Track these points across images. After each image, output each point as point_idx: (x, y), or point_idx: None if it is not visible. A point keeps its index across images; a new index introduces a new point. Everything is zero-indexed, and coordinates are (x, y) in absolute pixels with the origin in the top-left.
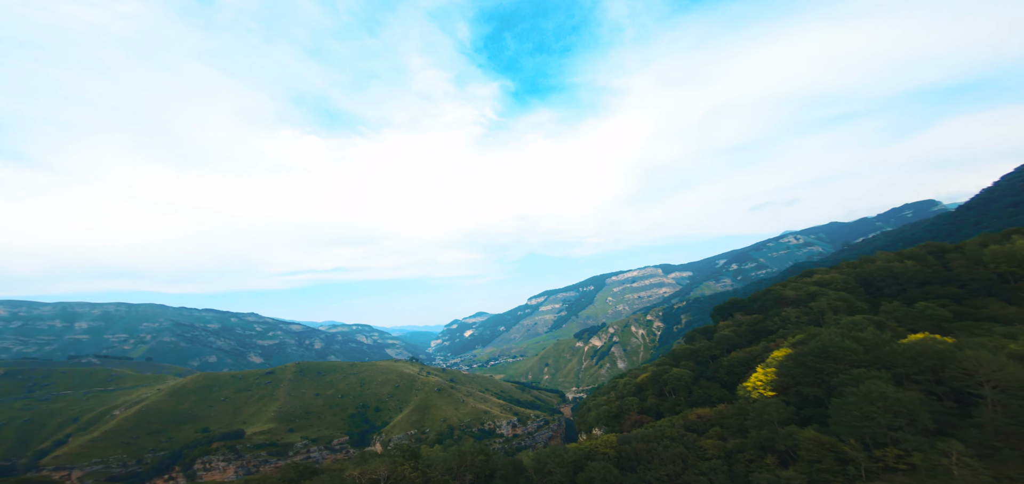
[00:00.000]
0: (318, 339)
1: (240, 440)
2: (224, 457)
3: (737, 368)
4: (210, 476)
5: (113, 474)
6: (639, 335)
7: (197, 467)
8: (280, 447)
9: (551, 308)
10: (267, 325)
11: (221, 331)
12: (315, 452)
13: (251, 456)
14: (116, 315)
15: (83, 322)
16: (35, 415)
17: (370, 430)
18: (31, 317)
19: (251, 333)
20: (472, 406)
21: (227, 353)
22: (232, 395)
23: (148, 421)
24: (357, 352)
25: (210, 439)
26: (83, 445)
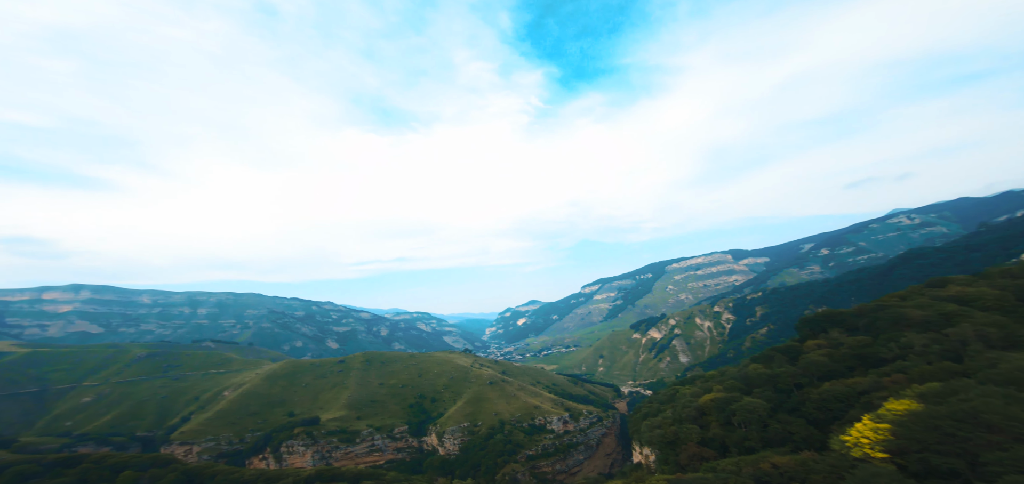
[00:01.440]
0: (384, 326)
1: (316, 426)
2: (303, 442)
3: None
4: (292, 459)
5: (222, 451)
6: (704, 327)
7: (282, 450)
8: (349, 434)
9: (606, 297)
10: (341, 313)
11: (305, 318)
12: (379, 440)
13: (325, 442)
14: (227, 303)
15: (203, 309)
16: (169, 392)
17: (427, 420)
18: (166, 304)
19: (328, 320)
20: (523, 400)
21: (310, 339)
22: (312, 381)
23: (249, 403)
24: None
25: (293, 424)
26: (201, 423)
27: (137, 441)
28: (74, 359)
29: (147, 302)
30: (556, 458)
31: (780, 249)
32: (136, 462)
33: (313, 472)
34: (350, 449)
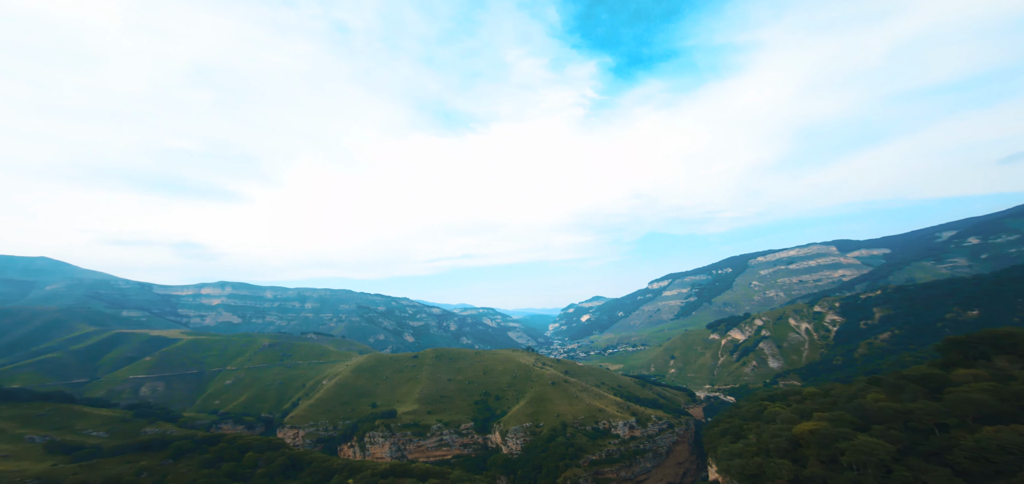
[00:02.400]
0: (453, 321)
1: (393, 419)
2: (382, 434)
3: (996, 457)
4: (373, 449)
5: (320, 436)
6: (801, 330)
7: (366, 439)
8: (421, 428)
9: (677, 293)
10: (416, 308)
11: (386, 313)
12: (447, 436)
13: (400, 434)
14: (326, 298)
15: (309, 303)
16: (284, 379)
17: (491, 418)
18: (283, 299)
19: (405, 315)
20: (586, 403)
21: (390, 332)
22: (391, 375)
23: (341, 393)
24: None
25: (374, 416)
26: (305, 409)
27: (262, 421)
28: (221, 347)
29: (270, 297)
30: (621, 465)
31: (905, 238)
32: (257, 444)
33: (387, 466)
34: (421, 442)
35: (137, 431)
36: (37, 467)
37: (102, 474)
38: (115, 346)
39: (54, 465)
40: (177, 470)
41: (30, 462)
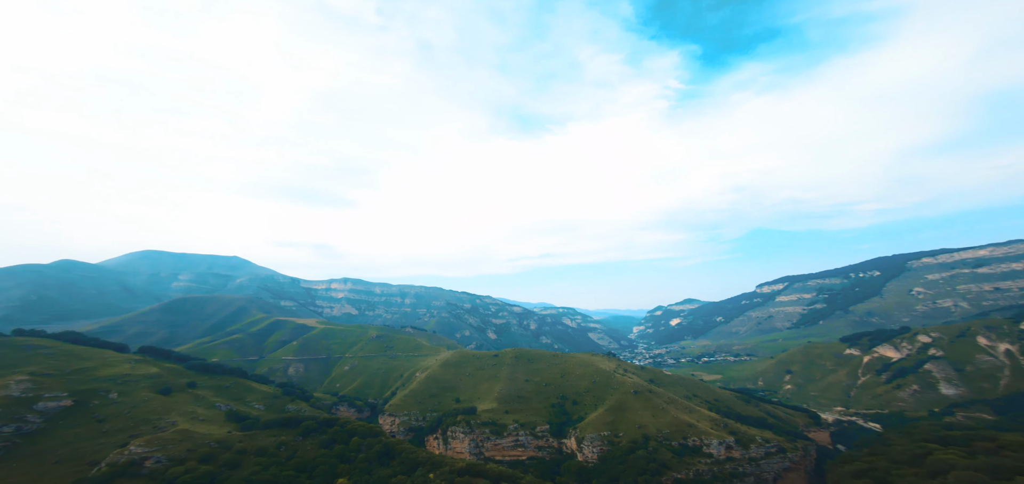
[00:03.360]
0: (532, 320)
1: (473, 416)
2: (463, 429)
3: None
4: (454, 443)
5: (412, 426)
6: (998, 351)
7: (449, 434)
8: (498, 427)
9: (796, 298)
10: (498, 306)
11: (471, 310)
12: (522, 436)
13: (479, 432)
14: (421, 295)
15: (408, 299)
16: (387, 369)
17: (567, 423)
18: (388, 294)
19: (488, 313)
20: (673, 415)
21: (475, 329)
22: (474, 372)
23: (430, 386)
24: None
25: (457, 411)
26: (401, 399)
27: (369, 405)
28: (342, 336)
29: (378, 292)
30: None
31: None
32: (360, 431)
33: (463, 465)
34: (498, 441)
35: (283, 406)
36: (218, 432)
37: (256, 444)
38: (274, 331)
39: (229, 432)
40: (304, 447)
41: (215, 427)
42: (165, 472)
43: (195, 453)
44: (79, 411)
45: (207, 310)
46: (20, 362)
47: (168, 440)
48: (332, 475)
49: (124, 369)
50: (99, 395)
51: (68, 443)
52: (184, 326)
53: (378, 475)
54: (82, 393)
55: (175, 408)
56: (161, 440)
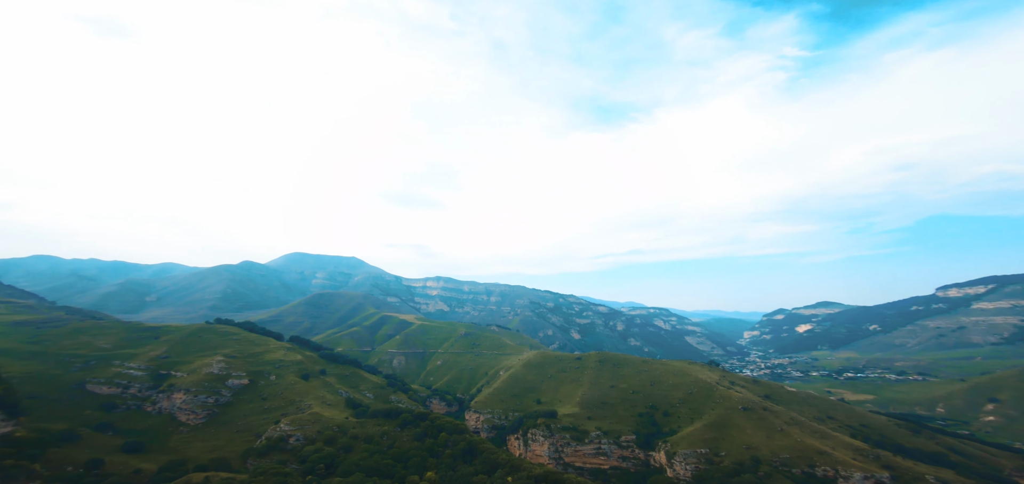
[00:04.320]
0: (619, 321)
1: (554, 419)
2: (543, 433)
3: None
4: (534, 446)
5: (495, 423)
6: None
7: (529, 436)
8: (579, 433)
9: (1008, 306)
10: (582, 306)
11: (554, 309)
12: (605, 445)
13: (559, 437)
14: (506, 293)
15: (494, 297)
16: (474, 366)
17: (656, 434)
18: (475, 292)
19: (572, 312)
20: (796, 439)
21: (558, 329)
22: (555, 374)
23: (512, 386)
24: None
25: (537, 414)
26: (486, 397)
27: (457, 400)
28: (435, 333)
29: (466, 291)
30: None
31: None
32: (448, 427)
33: (541, 473)
34: (579, 447)
35: (387, 397)
36: (339, 417)
37: (365, 432)
38: (382, 326)
39: (346, 418)
40: (401, 438)
41: (337, 412)
42: (302, 449)
43: (322, 435)
44: (252, 389)
45: (335, 304)
46: (219, 345)
47: (305, 421)
48: (423, 467)
49: (280, 355)
50: (264, 376)
51: (245, 416)
52: (320, 317)
53: (461, 472)
54: (254, 374)
55: (311, 392)
56: (300, 420)
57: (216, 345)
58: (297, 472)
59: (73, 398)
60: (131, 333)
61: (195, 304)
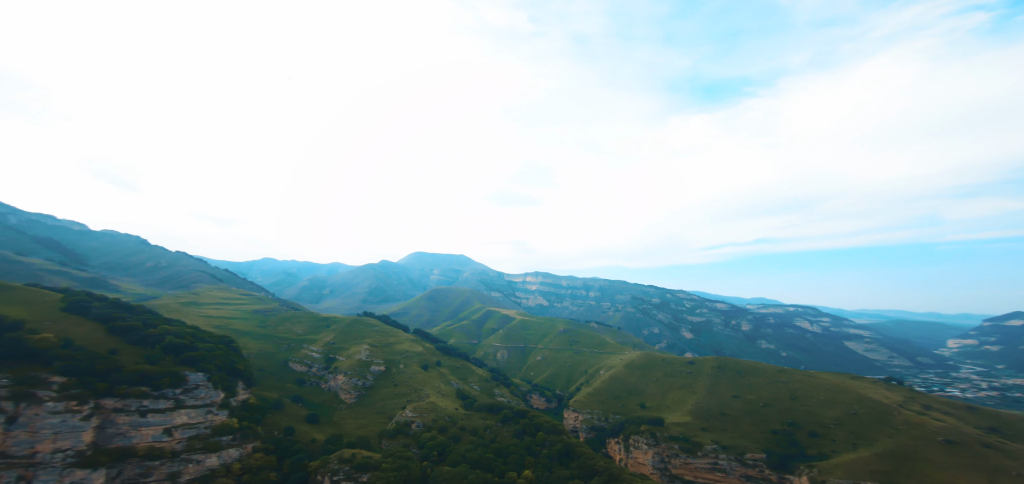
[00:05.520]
0: (745, 320)
1: (660, 427)
2: (647, 440)
3: None
4: (636, 453)
5: (594, 424)
6: None
7: (630, 442)
8: (690, 445)
9: None
10: (694, 302)
11: (660, 306)
12: (724, 460)
13: (666, 446)
14: (605, 289)
15: (593, 292)
16: (573, 363)
17: (797, 457)
18: (574, 287)
19: (682, 309)
20: None
21: (665, 326)
22: (662, 378)
23: (613, 387)
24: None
25: (641, 419)
26: (585, 396)
27: (556, 397)
28: (535, 328)
29: (565, 285)
30: None
31: None
32: (546, 426)
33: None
34: (690, 460)
35: (491, 390)
36: (450, 407)
37: (471, 424)
38: (487, 320)
39: (456, 409)
40: (502, 433)
41: (449, 402)
42: (421, 435)
43: (437, 423)
44: (387, 376)
45: (448, 299)
46: (365, 335)
47: (424, 409)
48: (521, 465)
49: (406, 346)
50: (395, 365)
51: (382, 399)
52: (437, 310)
53: (557, 475)
54: (388, 362)
55: (429, 382)
56: (421, 408)
57: (364, 335)
58: (416, 457)
59: (281, 372)
60: (314, 322)
61: (352, 297)
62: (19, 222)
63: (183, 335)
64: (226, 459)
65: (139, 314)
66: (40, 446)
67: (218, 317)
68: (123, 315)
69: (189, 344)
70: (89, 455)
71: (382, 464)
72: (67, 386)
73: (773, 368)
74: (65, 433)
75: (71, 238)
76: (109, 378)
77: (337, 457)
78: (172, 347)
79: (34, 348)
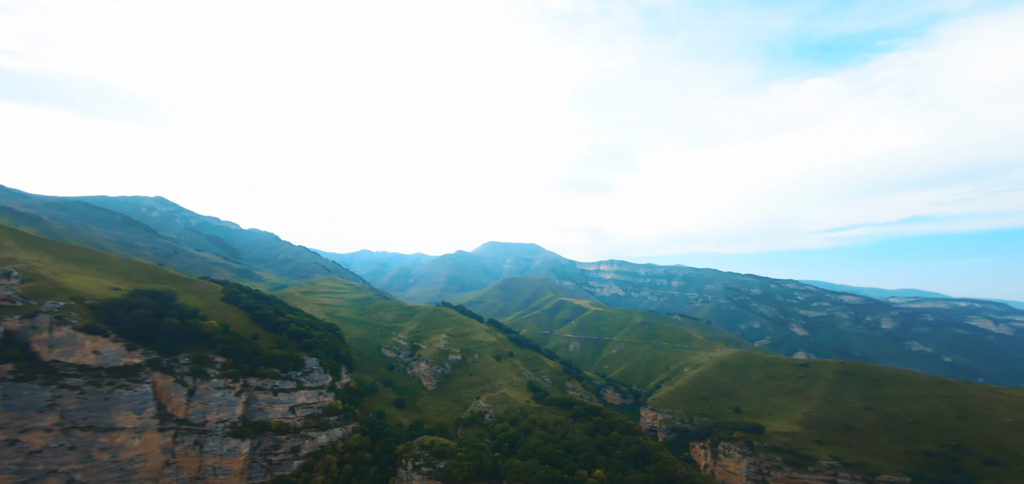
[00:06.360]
0: (886, 316)
1: (759, 436)
2: (740, 448)
3: None
4: (726, 461)
5: (674, 425)
6: None
7: (720, 448)
8: (800, 459)
9: None
10: (810, 294)
11: (762, 297)
12: (845, 479)
13: (765, 457)
14: (690, 277)
15: (675, 282)
16: (651, 358)
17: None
18: (653, 276)
19: (792, 302)
20: None
21: (769, 321)
22: (763, 380)
23: (700, 387)
24: (970, 344)
25: (734, 425)
26: (665, 395)
27: (632, 393)
28: (610, 319)
29: (643, 274)
30: None
31: None
32: (620, 425)
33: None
34: (797, 474)
35: (562, 384)
36: (521, 399)
37: (542, 418)
38: (559, 310)
39: (527, 401)
40: (573, 429)
41: (520, 394)
42: (493, 426)
43: (509, 415)
44: (463, 365)
45: (520, 288)
46: (444, 325)
47: (497, 400)
48: (592, 463)
49: (481, 336)
50: (470, 355)
51: (458, 388)
52: (510, 299)
53: (632, 477)
54: (464, 351)
55: (502, 373)
56: (494, 399)
57: (442, 324)
58: (488, 447)
59: (375, 357)
60: (401, 310)
61: (433, 285)
62: (197, 224)
63: (302, 323)
64: (333, 437)
65: (272, 303)
66: (208, 416)
67: (329, 305)
68: (261, 305)
69: (306, 331)
70: (239, 426)
71: (457, 452)
72: (226, 366)
73: (929, 378)
74: (224, 406)
75: (229, 235)
76: (252, 360)
77: (418, 443)
78: (294, 334)
79: (204, 332)
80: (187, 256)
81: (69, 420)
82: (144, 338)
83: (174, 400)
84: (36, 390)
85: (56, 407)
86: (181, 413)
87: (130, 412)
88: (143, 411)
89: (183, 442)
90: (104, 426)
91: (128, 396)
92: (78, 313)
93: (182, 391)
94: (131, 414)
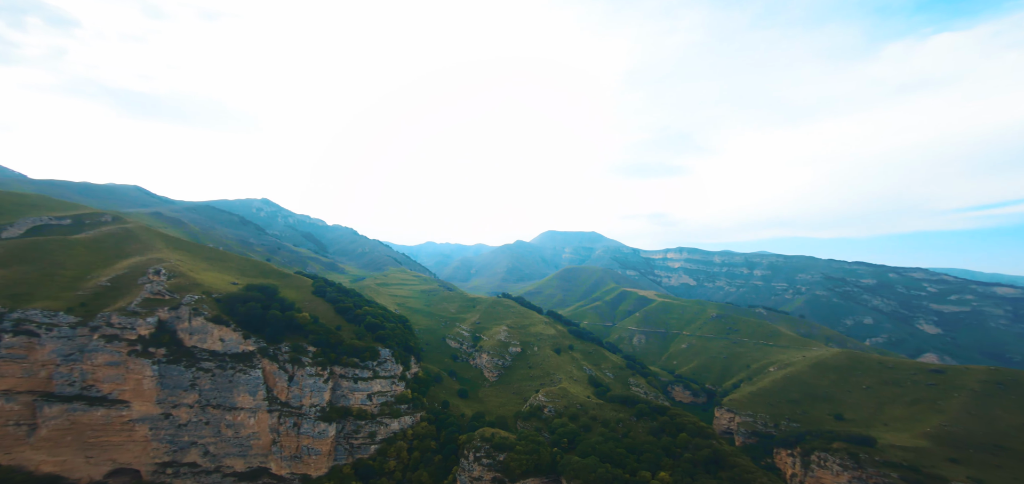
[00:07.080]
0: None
1: (868, 448)
2: (841, 460)
3: None
4: (820, 473)
5: (756, 429)
6: None
7: (813, 458)
8: (924, 478)
9: None
10: (947, 285)
11: (876, 288)
12: None
13: (875, 472)
14: (778, 265)
15: (758, 270)
16: (728, 355)
17: None
18: (731, 264)
19: (919, 293)
20: None
21: (886, 316)
22: (876, 386)
23: (790, 388)
24: None
25: (835, 434)
26: (746, 396)
27: (705, 391)
28: (679, 312)
29: (718, 262)
30: None
31: None
32: (690, 428)
33: None
34: None
35: (625, 379)
36: (582, 394)
37: (603, 415)
38: (622, 301)
39: (588, 396)
40: (636, 429)
41: (581, 388)
42: (552, 420)
43: (568, 410)
44: (523, 357)
45: (580, 278)
46: (504, 316)
47: (556, 394)
48: (656, 465)
49: (540, 329)
50: (530, 347)
51: (518, 380)
52: (569, 290)
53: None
54: (524, 343)
55: (561, 367)
56: (553, 393)
57: (503, 316)
58: (547, 442)
59: (440, 347)
60: (464, 302)
61: (493, 276)
62: (293, 222)
63: (377, 316)
64: (403, 424)
65: (351, 296)
66: (304, 400)
67: (400, 296)
68: (343, 298)
69: (380, 324)
70: (327, 411)
71: (516, 445)
72: (316, 355)
73: None
74: (315, 392)
75: (318, 232)
76: (337, 349)
77: (479, 435)
78: (371, 326)
79: (299, 323)
80: (288, 251)
81: (205, 399)
82: (255, 328)
83: (278, 384)
84: (181, 371)
85: (196, 386)
86: (283, 396)
87: (247, 394)
88: (256, 393)
89: (285, 423)
90: (229, 405)
91: (245, 380)
92: (208, 306)
93: (284, 377)
94: (247, 395)
